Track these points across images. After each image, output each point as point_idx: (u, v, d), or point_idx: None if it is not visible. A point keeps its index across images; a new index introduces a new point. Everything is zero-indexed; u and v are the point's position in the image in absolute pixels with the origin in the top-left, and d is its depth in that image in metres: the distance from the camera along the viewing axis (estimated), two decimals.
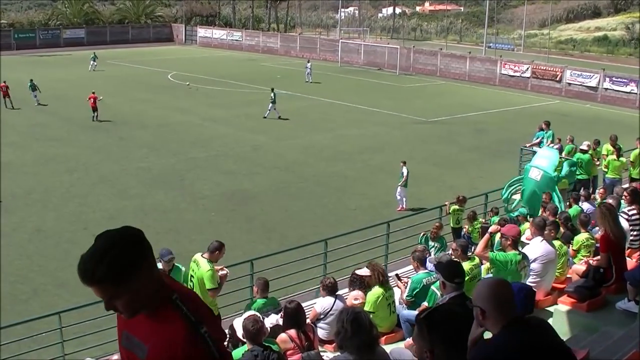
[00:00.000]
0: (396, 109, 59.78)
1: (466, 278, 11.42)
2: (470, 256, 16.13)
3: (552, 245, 15.07)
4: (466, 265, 14.48)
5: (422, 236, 22.20)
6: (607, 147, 30.95)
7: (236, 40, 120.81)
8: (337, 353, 7.66)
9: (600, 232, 14.87)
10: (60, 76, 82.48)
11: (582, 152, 30.59)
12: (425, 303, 13.89)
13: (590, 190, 27.44)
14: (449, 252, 17.52)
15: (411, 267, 16.89)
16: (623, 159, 30.30)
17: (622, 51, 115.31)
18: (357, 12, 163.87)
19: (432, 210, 26.46)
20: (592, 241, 16.95)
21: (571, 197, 23.89)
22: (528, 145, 37.14)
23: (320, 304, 14.78)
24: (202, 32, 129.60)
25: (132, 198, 35.94)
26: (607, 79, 68.88)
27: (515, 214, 23.87)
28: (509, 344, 5.53)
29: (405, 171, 33.41)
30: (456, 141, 48.81)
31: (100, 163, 42.48)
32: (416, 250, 16.53)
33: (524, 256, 14.19)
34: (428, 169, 41.21)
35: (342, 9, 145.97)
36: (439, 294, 11.76)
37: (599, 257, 14.49)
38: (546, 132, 36.35)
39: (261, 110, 56.92)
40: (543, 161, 25.63)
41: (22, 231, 31.16)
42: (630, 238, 16.27)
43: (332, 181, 38.42)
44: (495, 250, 17.66)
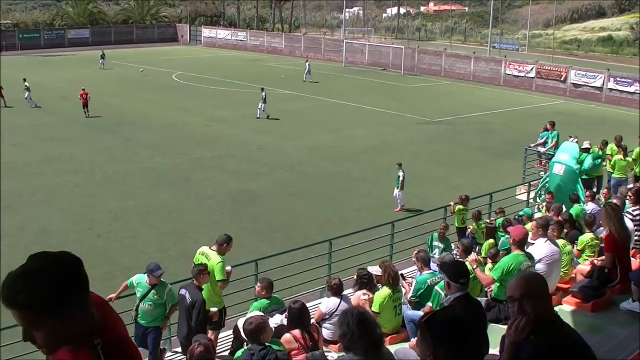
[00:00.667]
0: (401, 109, 59.77)
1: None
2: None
3: (556, 244, 15.07)
4: (469, 264, 14.51)
5: (429, 238, 22.22)
6: (612, 147, 30.90)
7: (241, 40, 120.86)
8: (342, 353, 7.65)
9: (604, 232, 14.87)
10: (65, 76, 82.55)
11: (584, 152, 30.52)
12: (429, 304, 13.89)
13: (594, 190, 27.42)
14: (454, 252, 17.55)
15: (416, 267, 16.90)
16: (629, 159, 30.30)
17: (627, 51, 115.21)
18: (362, 12, 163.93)
19: (437, 210, 26.45)
20: (597, 241, 16.95)
21: (569, 197, 23.92)
22: (532, 145, 37.15)
23: (325, 304, 14.78)
24: (207, 32, 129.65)
25: (137, 198, 35.96)
26: (612, 79, 68.79)
27: (520, 213, 23.88)
28: (548, 344, 5.56)
29: (401, 174, 33.39)
30: (461, 141, 48.78)
31: (105, 163, 42.51)
32: (420, 250, 16.54)
33: (530, 257, 14.19)
34: (433, 169, 41.22)
35: (347, 9, 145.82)
36: (444, 295, 11.76)
37: (604, 257, 14.49)
38: (551, 133, 36.33)
39: (268, 109, 56.88)
40: (564, 155, 25.76)
41: (27, 231, 31.18)
42: (634, 238, 16.27)
43: (337, 181, 38.43)
44: (500, 249, 17.68)
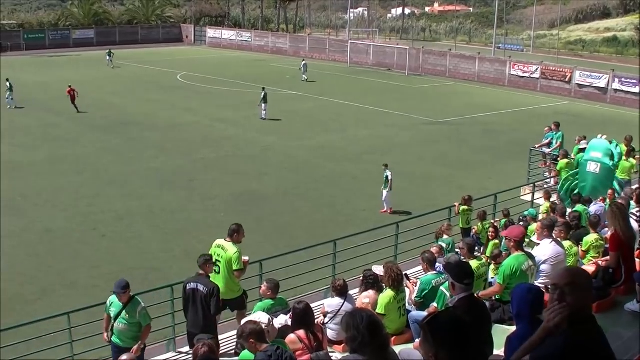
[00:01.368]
0: (405, 110, 59.77)
1: None
2: (477, 255, 16.13)
3: (562, 246, 15.06)
4: (473, 264, 14.50)
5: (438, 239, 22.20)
6: (622, 147, 30.82)
7: (245, 40, 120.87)
8: (346, 354, 7.65)
9: (610, 232, 14.85)
10: (69, 77, 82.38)
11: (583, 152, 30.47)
12: (435, 304, 13.88)
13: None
14: (457, 252, 17.53)
15: (420, 268, 16.88)
16: (633, 160, 30.19)
17: (632, 52, 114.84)
18: (367, 13, 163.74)
19: (442, 211, 26.42)
20: (602, 242, 16.94)
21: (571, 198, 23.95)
22: (537, 145, 37.08)
23: (328, 304, 14.81)
24: (212, 33, 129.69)
25: (142, 198, 35.99)
26: (617, 80, 68.73)
27: (525, 214, 23.88)
28: (578, 341, 5.56)
29: (389, 174, 33.37)
30: (465, 142, 48.79)
31: (109, 164, 42.55)
32: (425, 251, 16.52)
33: (530, 256, 14.19)
34: (437, 170, 41.21)
35: (351, 10, 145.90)
36: (449, 295, 11.75)
37: (609, 257, 14.46)
38: (556, 133, 36.26)
39: (271, 111, 56.91)
40: (597, 153, 25.80)
41: (32, 231, 31.25)
42: (639, 239, 16.25)
43: (342, 182, 38.43)
44: (503, 250, 17.68)
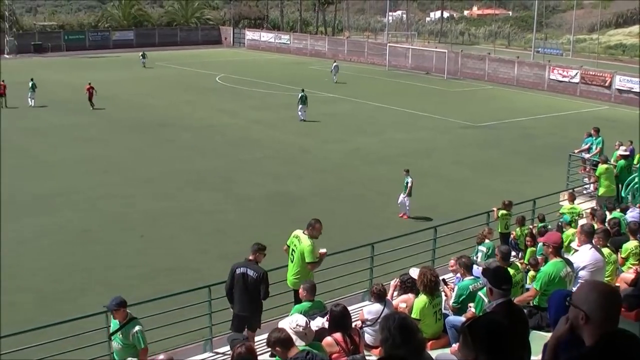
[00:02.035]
0: (443, 113, 59.59)
1: None
2: (512, 262, 16.06)
3: (601, 252, 14.93)
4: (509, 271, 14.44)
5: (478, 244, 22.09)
6: None
7: (284, 43, 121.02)
8: None
9: None
10: (108, 78, 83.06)
11: (623, 158, 30.22)
12: (472, 309, 13.83)
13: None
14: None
15: (458, 274, 16.80)
16: None
17: None
18: (405, 16, 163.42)
19: (479, 215, 26.28)
20: None
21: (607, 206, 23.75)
22: (577, 151, 36.78)
23: (367, 310, 14.76)
24: (250, 35, 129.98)
25: (177, 199, 36.16)
26: None
27: (562, 220, 23.71)
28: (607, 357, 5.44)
29: (409, 180, 33.22)
30: (504, 146, 48.56)
31: (146, 164, 42.80)
32: (462, 256, 16.46)
33: (568, 263, 14.09)
34: (475, 174, 41.03)
35: (390, 13, 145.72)
36: (487, 300, 11.69)
37: None
38: (595, 139, 35.94)
39: (309, 113, 56.99)
40: None
41: (68, 231, 31.49)
42: None
43: (378, 185, 38.39)
44: (538, 255, 17.58)
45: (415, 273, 15.09)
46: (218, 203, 35.60)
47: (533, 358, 9.29)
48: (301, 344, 10.35)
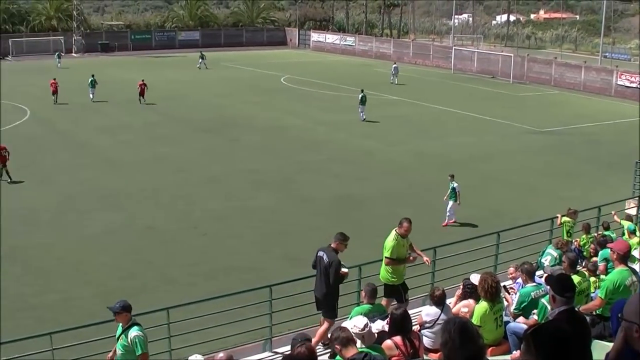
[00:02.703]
0: (508, 118, 59.15)
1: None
2: (578, 270, 15.88)
3: None
4: (575, 279, 14.24)
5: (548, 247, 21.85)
6: None
7: (349, 45, 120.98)
8: None
9: None
10: (174, 77, 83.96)
11: None
12: (535, 316, 13.72)
13: None
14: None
15: (520, 280, 16.66)
16: None
17: None
18: (471, 19, 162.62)
19: (544, 222, 26.02)
20: None
21: None
22: None
23: (426, 312, 14.72)
24: (316, 37, 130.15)
25: (241, 199, 36.35)
26: None
27: (628, 228, 23.41)
28: None
29: (455, 185, 32.89)
30: (569, 152, 48.07)
31: (211, 164, 43.11)
32: (524, 263, 16.33)
33: (634, 272, 13.92)
34: (539, 180, 40.67)
35: (456, 16, 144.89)
36: (549, 308, 11.58)
37: None
38: None
39: (373, 115, 57.01)
40: None
41: (133, 228, 31.86)
42: None
43: (442, 189, 38.08)
44: (600, 262, 17.40)
45: (476, 279, 15.01)
46: (281, 204, 35.73)
47: None
48: (360, 346, 10.34)
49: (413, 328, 13.10)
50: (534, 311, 14.18)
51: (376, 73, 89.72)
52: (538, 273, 17.07)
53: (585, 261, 21.38)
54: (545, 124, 57.53)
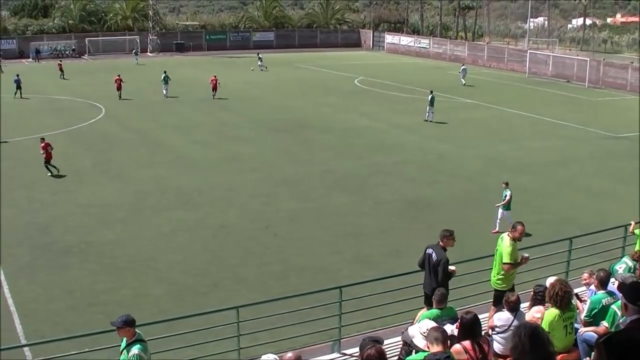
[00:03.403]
0: (583, 123, 58.50)
1: None
2: None
3: None
4: None
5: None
6: None
7: (423, 47, 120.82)
8: None
9: None
10: (248, 78, 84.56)
11: None
12: (605, 324, 13.59)
13: None
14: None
15: (592, 287, 16.51)
16: None
17: None
18: (547, 23, 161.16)
19: (616, 229, 25.69)
20: None
21: None
22: None
23: (498, 317, 14.66)
24: (390, 39, 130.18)
25: (314, 200, 36.46)
26: None
27: None
28: None
29: (508, 193, 32.24)
30: None
31: (284, 164, 43.32)
32: (600, 269, 16.18)
33: None
34: (613, 186, 40.14)
35: (531, 19, 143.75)
36: (619, 314, 11.50)
37: None
38: None
39: (447, 118, 56.88)
40: None
41: (206, 226, 32.13)
42: None
43: (514, 193, 37.84)
44: None
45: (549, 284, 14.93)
46: (354, 205, 35.75)
47: None
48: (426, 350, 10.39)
49: (483, 333, 13.07)
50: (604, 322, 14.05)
51: (450, 76, 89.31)
52: (611, 280, 16.89)
53: None
54: (620, 130, 56.75)
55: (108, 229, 31.68)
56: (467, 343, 11.90)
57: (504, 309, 14.66)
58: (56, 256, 28.41)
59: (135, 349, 13.32)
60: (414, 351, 11.86)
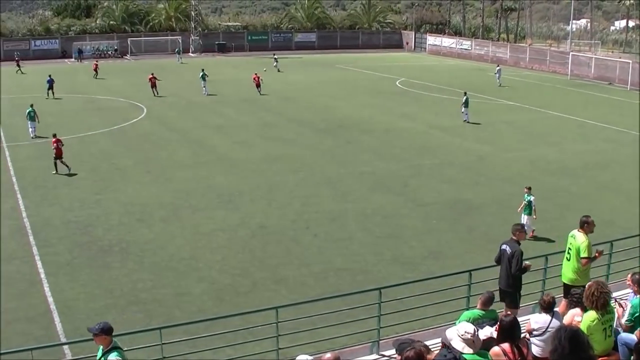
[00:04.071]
0: (626, 126, 57.99)
1: None
2: None
3: None
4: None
5: None
6: None
7: (465, 49, 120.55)
8: None
9: None
10: (289, 78, 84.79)
11: None
12: None
13: None
14: None
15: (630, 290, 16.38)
16: None
17: None
18: (589, 25, 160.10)
19: None
20: None
21: None
22: None
23: (534, 320, 14.58)
24: (432, 40, 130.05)
25: (355, 201, 36.46)
26: None
27: None
28: None
29: (531, 199, 31.38)
30: None
31: (325, 165, 43.38)
32: (635, 273, 16.06)
33: None
34: None
35: (574, 21, 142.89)
36: None
37: None
38: None
39: (487, 119, 56.72)
40: None
41: (246, 226, 32.23)
42: None
43: (556, 196, 37.72)
44: None
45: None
46: (394, 207, 35.71)
47: None
48: (469, 352, 10.35)
49: (522, 336, 13.01)
50: None
51: (491, 78, 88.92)
52: None
53: None
54: None
55: (148, 228, 31.91)
56: (506, 346, 11.88)
57: (540, 312, 14.59)
58: (97, 255, 28.65)
59: (113, 357, 12.99)
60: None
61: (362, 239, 30.87)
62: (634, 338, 13.20)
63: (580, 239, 18.33)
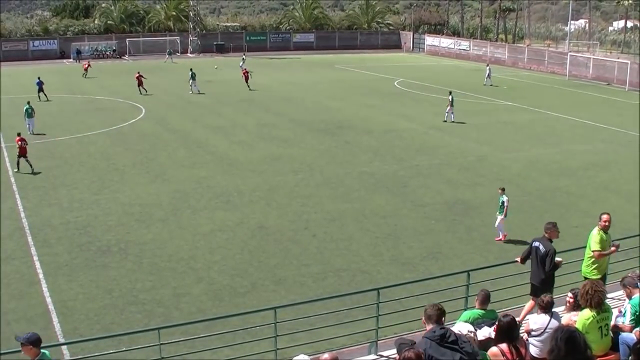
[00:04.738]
0: (624, 126, 58.02)
1: None
2: None
3: None
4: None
5: None
6: None
7: (463, 49, 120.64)
8: None
9: None
10: (287, 79, 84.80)
11: None
12: None
13: None
14: None
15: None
16: None
17: None
18: (587, 25, 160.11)
19: None
20: None
21: None
22: None
23: (533, 320, 14.59)
24: (430, 41, 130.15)
25: (354, 201, 36.46)
26: None
27: None
28: None
29: (505, 199, 31.28)
30: None
31: (324, 165, 43.37)
32: (625, 277, 16.06)
33: None
34: None
35: (572, 21, 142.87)
36: None
37: None
38: None
39: (486, 120, 56.73)
40: None
41: (245, 227, 32.22)
42: None
43: (555, 197, 37.75)
44: None
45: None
46: (393, 207, 35.70)
47: None
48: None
49: (520, 336, 13.03)
50: None
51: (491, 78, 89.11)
52: None
53: None
54: None
55: (147, 229, 31.91)
56: (504, 346, 11.91)
57: (539, 312, 14.60)
58: (95, 255, 28.65)
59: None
60: None
61: (361, 240, 30.87)
62: (634, 338, 13.20)
63: (592, 233, 19.26)
